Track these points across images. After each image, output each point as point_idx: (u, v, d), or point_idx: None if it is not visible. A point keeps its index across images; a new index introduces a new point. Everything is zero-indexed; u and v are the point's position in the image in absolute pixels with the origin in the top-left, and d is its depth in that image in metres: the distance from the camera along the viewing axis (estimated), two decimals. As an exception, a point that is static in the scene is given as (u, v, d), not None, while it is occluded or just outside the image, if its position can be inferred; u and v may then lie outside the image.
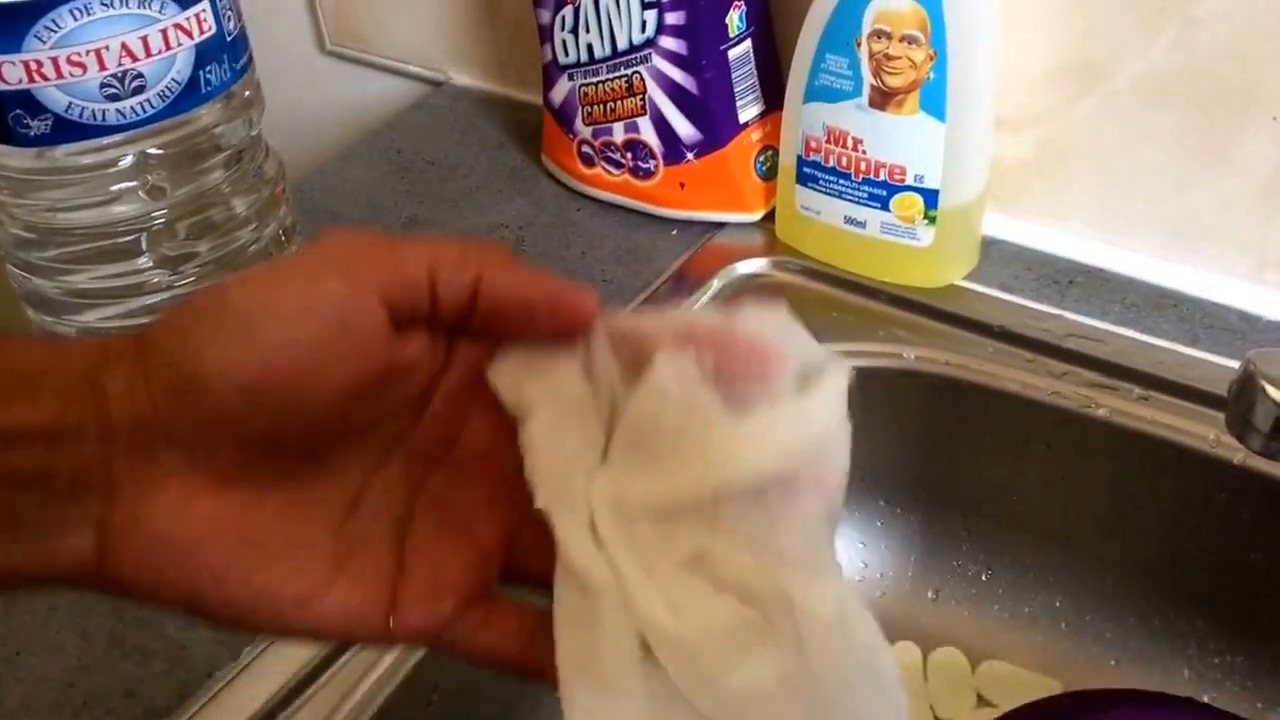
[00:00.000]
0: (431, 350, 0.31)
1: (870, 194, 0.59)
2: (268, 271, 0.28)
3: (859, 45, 0.55)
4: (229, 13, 0.50)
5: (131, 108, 0.47)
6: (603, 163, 0.67)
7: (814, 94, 0.58)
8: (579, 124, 0.67)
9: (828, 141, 0.59)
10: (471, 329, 0.31)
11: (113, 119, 0.47)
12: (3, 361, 0.27)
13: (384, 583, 0.30)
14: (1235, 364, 0.46)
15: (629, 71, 0.63)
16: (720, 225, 0.66)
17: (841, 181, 0.59)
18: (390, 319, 0.28)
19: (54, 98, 0.45)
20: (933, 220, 0.58)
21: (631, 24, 0.61)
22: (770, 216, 0.65)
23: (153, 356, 0.27)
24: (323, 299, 0.27)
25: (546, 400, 0.30)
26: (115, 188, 0.49)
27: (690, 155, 0.64)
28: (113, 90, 0.46)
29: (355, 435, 0.30)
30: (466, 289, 0.29)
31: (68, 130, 0.46)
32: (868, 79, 0.56)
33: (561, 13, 0.64)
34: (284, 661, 0.45)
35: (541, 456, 0.30)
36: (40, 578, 0.27)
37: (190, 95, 0.48)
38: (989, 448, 0.58)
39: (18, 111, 0.45)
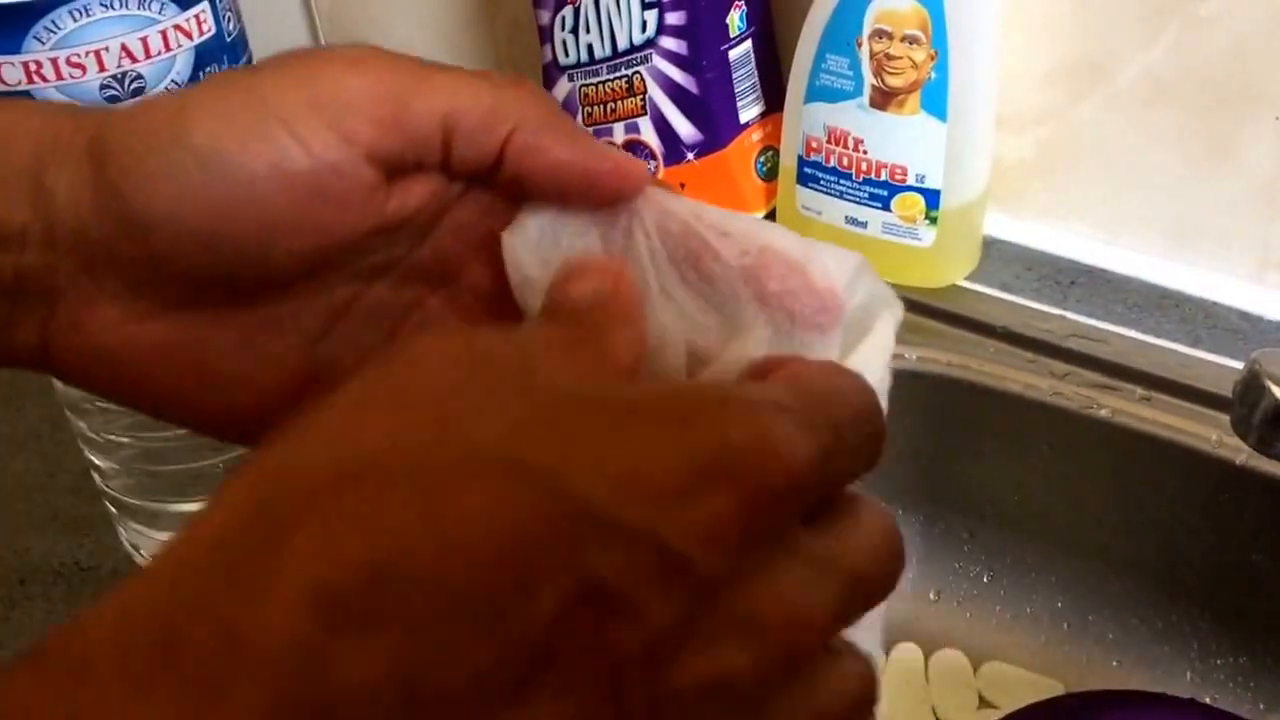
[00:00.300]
0: (441, 191, 0.26)
1: (871, 194, 0.58)
2: (244, 94, 0.24)
3: (860, 45, 0.55)
4: (229, 13, 0.50)
5: (131, 109, 0.47)
6: (603, 163, 0.67)
7: (815, 94, 0.58)
8: (579, 124, 0.67)
9: (828, 142, 0.59)
10: (494, 184, 0.26)
11: (112, 120, 0.47)
12: None
13: None
14: (1238, 364, 0.45)
15: (629, 72, 0.63)
16: (721, 226, 0.66)
17: (842, 182, 0.59)
18: (385, 175, 0.25)
19: (53, 99, 0.45)
20: (934, 220, 0.58)
21: (632, 24, 0.61)
22: (771, 217, 0.65)
23: (101, 173, 0.24)
24: (298, 155, 0.23)
25: None
26: (115, 189, 0.49)
27: (690, 156, 0.64)
28: (112, 92, 0.46)
29: (337, 265, 0.26)
30: (489, 153, 0.25)
31: (67, 131, 0.46)
32: (869, 79, 0.56)
33: (561, 13, 0.63)
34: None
35: None
36: None
37: (190, 96, 0.48)
38: (991, 449, 0.58)
39: (17, 112, 0.45)
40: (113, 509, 0.49)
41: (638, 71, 0.62)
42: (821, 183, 0.60)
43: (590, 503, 0.18)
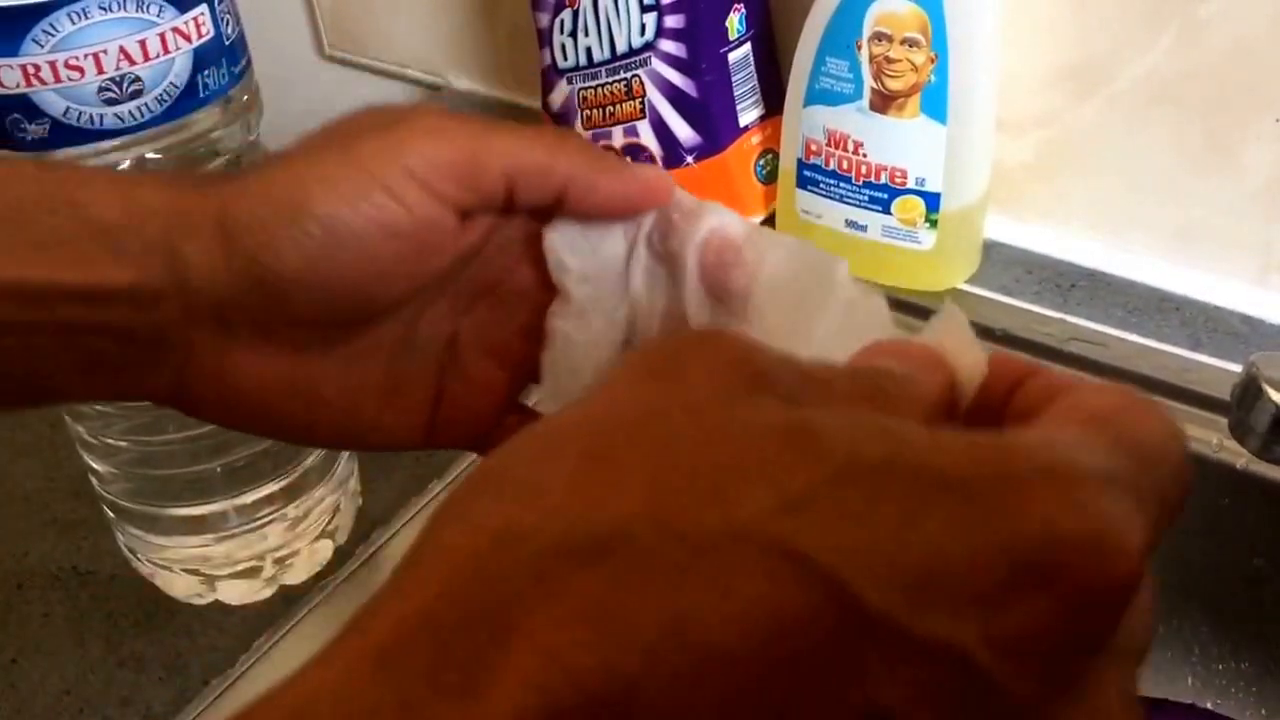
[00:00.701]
0: (496, 222, 0.31)
1: (871, 197, 0.58)
2: (350, 166, 0.28)
3: (859, 48, 0.55)
4: (227, 16, 0.50)
5: (129, 112, 0.47)
6: (602, 167, 0.67)
7: (814, 97, 0.58)
8: (578, 128, 0.67)
9: (828, 145, 0.59)
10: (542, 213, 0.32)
11: (111, 123, 0.47)
12: (83, 213, 0.28)
13: (426, 405, 0.32)
14: (1238, 368, 0.45)
15: (628, 75, 0.63)
16: (720, 229, 0.65)
17: (842, 185, 0.59)
18: (461, 220, 0.29)
19: (52, 102, 0.45)
20: (934, 223, 0.57)
21: (630, 27, 0.61)
22: (770, 220, 0.65)
23: (234, 243, 0.28)
24: (403, 218, 0.28)
25: (583, 281, 0.32)
26: (113, 192, 0.49)
27: (690, 159, 0.64)
28: (111, 94, 0.46)
29: (418, 294, 0.31)
30: (546, 198, 0.30)
31: (66, 134, 0.46)
32: (868, 82, 0.56)
33: (560, 16, 0.63)
34: (282, 669, 0.45)
35: (556, 353, 0.32)
36: (123, 400, 0.31)
37: (188, 99, 0.48)
38: (991, 452, 0.58)
39: (15, 116, 0.45)
40: (110, 513, 0.49)
41: (636, 75, 0.62)
42: (821, 186, 0.60)
43: (878, 608, 0.15)
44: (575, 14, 0.63)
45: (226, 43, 0.50)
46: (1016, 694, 0.15)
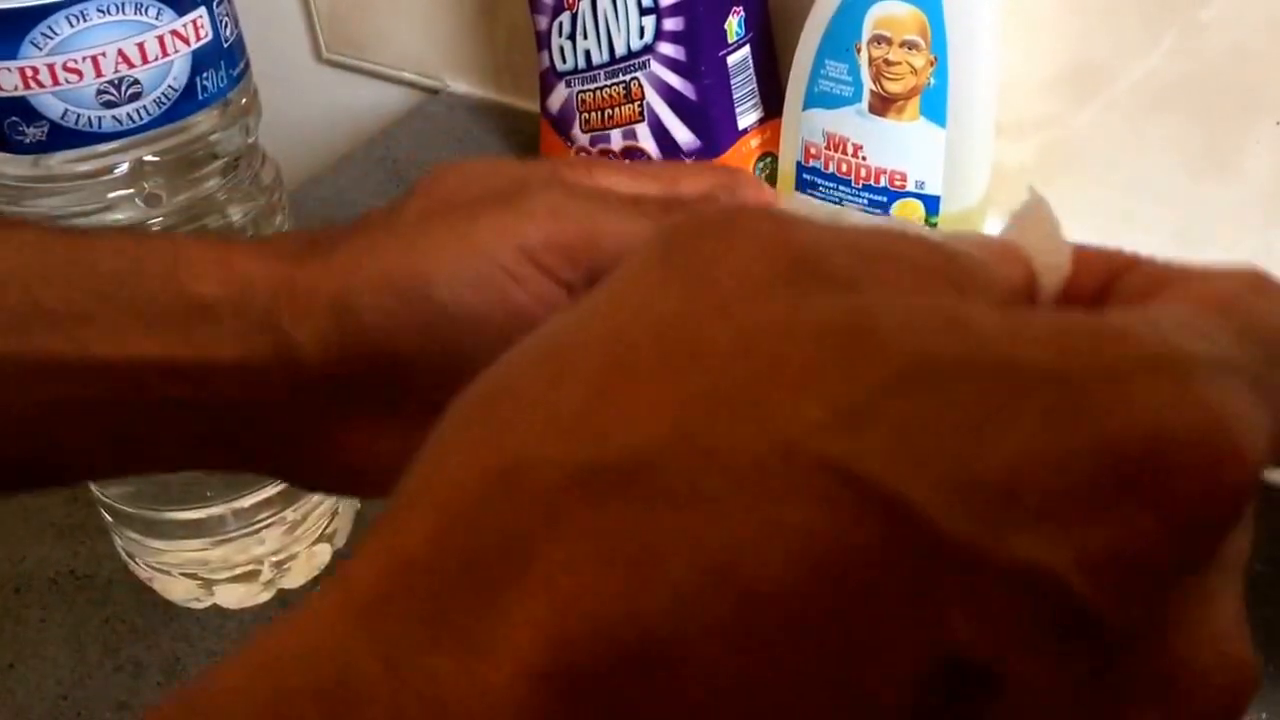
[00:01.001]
0: None
1: (871, 200, 0.58)
2: (468, 248, 0.27)
3: (859, 51, 0.55)
4: (225, 19, 0.50)
5: (128, 114, 0.47)
6: (601, 170, 0.67)
7: (813, 100, 0.58)
8: (577, 131, 0.67)
9: (827, 148, 0.59)
10: None
11: (109, 126, 0.46)
12: (180, 288, 0.27)
13: None
14: (1239, 371, 0.45)
15: (627, 78, 0.63)
16: (720, 232, 0.65)
17: (842, 188, 0.59)
18: (570, 292, 0.29)
19: (50, 105, 0.45)
20: (934, 226, 0.57)
21: (629, 30, 0.61)
22: (770, 223, 0.65)
23: (352, 328, 0.27)
24: (519, 296, 0.28)
25: None
26: (111, 195, 0.49)
27: (688, 163, 0.64)
28: (109, 97, 0.46)
29: None
30: None
31: (64, 137, 0.46)
32: (868, 85, 0.56)
33: (559, 19, 0.63)
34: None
35: None
36: (228, 472, 0.30)
37: (187, 102, 0.48)
38: (991, 455, 0.57)
39: (13, 119, 0.45)
40: (108, 517, 0.49)
41: (635, 78, 0.62)
42: (820, 189, 0.60)
43: (954, 534, 0.13)
44: (574, 17, 0.62)
45: (225, 45, 0.50)
46: (1114, 625, 0.13)
